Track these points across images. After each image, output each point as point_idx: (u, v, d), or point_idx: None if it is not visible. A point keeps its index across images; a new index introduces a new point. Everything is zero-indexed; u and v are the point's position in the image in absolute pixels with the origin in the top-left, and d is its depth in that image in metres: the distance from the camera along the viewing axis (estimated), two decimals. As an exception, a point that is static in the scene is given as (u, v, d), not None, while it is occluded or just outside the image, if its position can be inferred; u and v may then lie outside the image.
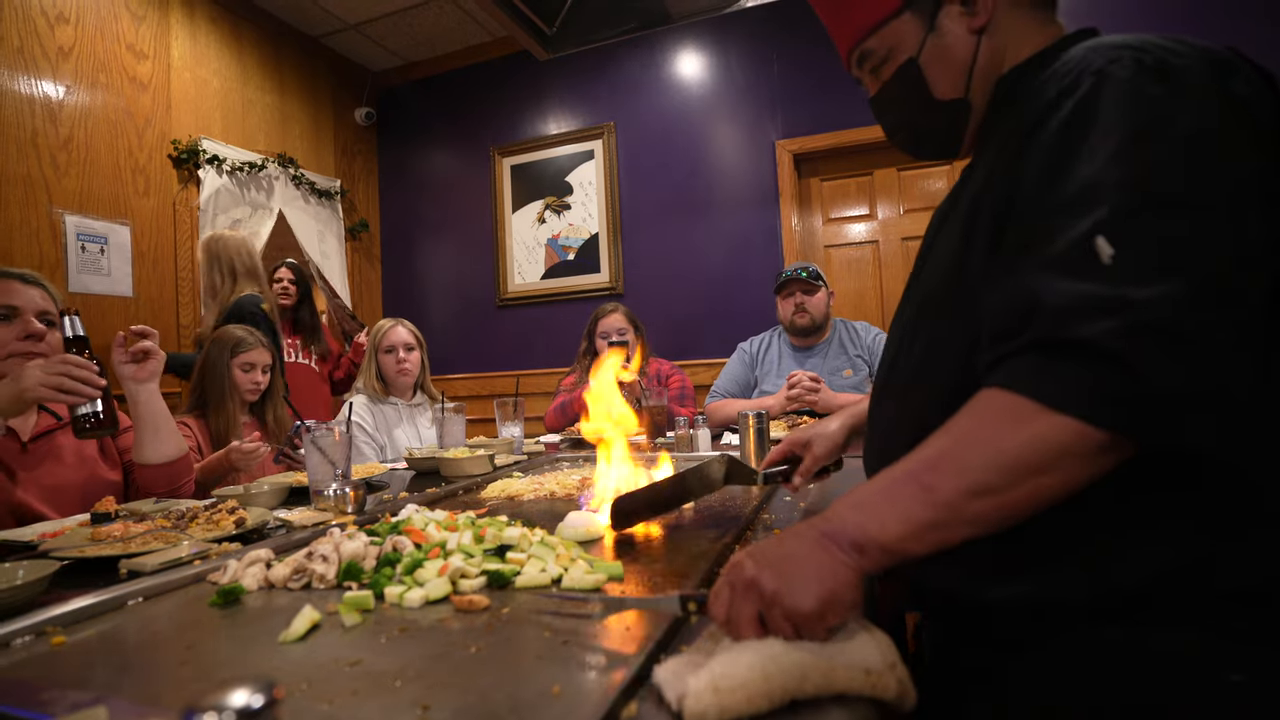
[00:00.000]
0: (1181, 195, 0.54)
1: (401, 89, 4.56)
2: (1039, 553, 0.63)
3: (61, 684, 0.58)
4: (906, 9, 0.78)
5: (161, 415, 1.55)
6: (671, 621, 0.64)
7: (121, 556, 0.93)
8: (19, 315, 1.46)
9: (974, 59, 0.77)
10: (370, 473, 1.71)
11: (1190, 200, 0.53)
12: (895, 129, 0.90)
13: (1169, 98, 0.57)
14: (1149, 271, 0.51)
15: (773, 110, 3.65)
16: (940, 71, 0.79)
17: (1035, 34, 0.77)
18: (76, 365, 1.29)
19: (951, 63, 0.78)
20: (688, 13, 2.09)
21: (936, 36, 0.78)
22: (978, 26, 0.77)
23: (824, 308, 2.53)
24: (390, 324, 2.57)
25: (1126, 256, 0.52)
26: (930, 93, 0.80)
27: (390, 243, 4.59)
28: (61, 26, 2.82)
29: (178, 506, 1.27)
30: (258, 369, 2.05)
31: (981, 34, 0.77)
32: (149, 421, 1.52)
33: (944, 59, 0.78)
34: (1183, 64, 0.58)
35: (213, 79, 3.50)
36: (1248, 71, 0.60)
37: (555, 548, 0.84)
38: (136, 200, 3.08)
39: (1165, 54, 0.60)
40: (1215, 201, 0.53)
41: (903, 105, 0.84)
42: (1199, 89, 0.57)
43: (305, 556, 0.85)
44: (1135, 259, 0.52)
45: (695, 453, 1.85)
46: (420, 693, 0.53)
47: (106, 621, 0.75)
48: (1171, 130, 0.56)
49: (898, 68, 0.81)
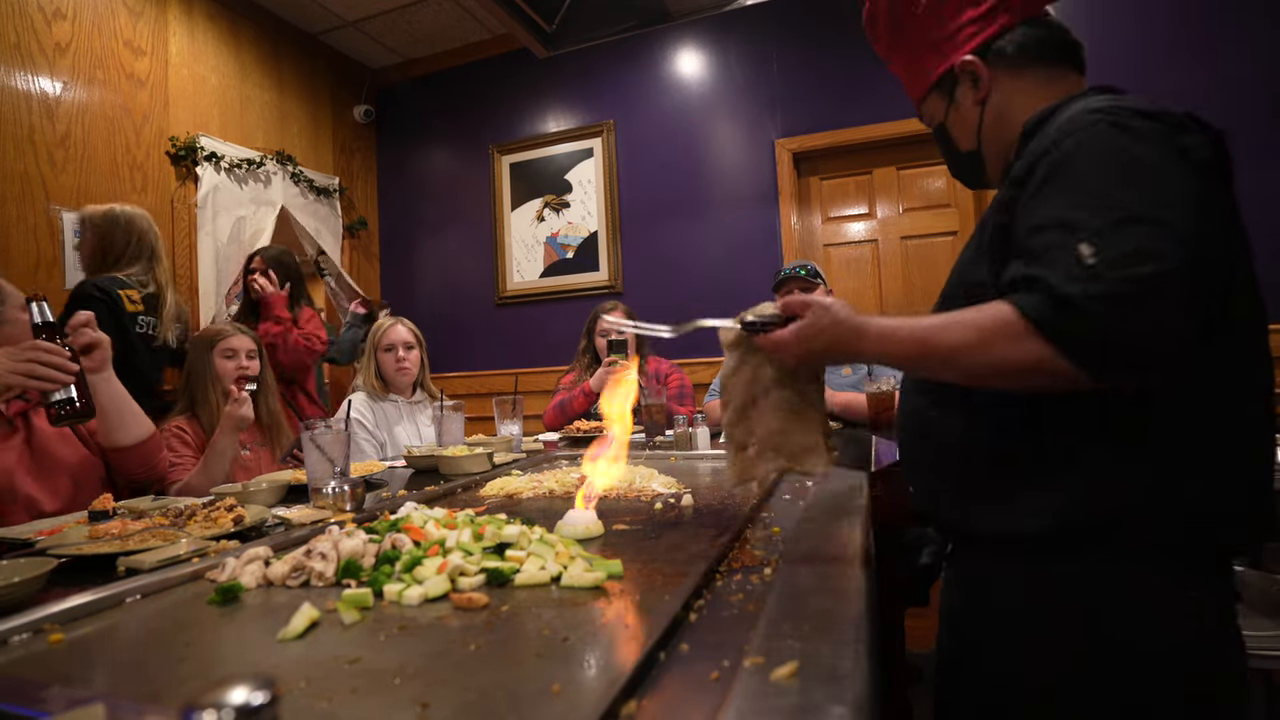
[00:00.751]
0: (1138, 213, 0.71)
1: (400, 86, 4.55)
2: (1023, 484, 0.83)
3: (59, 682, 0.58)
4: (934, 90, 1.04)
5: (122, 399, 1.59)
6: (671, 619, 0.63)
7: (119, 554, 0.93)
8: (2, 304, 1.50)
9: (980, 121, 1.01)
10: (369, 471, 1.70)
11: (1146, 216, 0.70)
12: (947, 163, 1.16)
13: (1132, 145, 0.75)
14: (1117, 266, 0.69)
15: (772, 109, 3.65)
16: (959, 132, 1.05)
17: (1041, 93, 0.96)
18: (46, 351, 1.29)
19: (966, 125, 1.03)
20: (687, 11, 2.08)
21: (955, 108, 1.03)
22: (979, 99, 1.01)
23: None
24: (390, 322, 2.57)
25: (1101, 257, 0.70)
26: (957, 146, 1.07)
27: (389, 240, 4.59)
28: (58, 22, 2.81)
29: (176, 504, 1.27)
30: (240, 354, 2.05)
31: (984, 104, 1.00)
32: (112, 408, 1.56)
33: (961, 123, 1.04)
34: (1142, 123, 0.76)
35: (211, 75, 3.49)
36: (1196, 128, 0.77)
37: (554, 545, 0.84)
38: (134, 197, 3.06)
39: (1129, 115, 0.77)
40: (1167, 216, 0.70)
41: (945, 151, 1.12)
42: (1155, 137, 0.75)
43: (304, 554, 0.84)
44: (1107, 259, 0.70)
45: (694, 451, 1.85)
46: (419, 690, 0.52)
47: (104, 619, 0.74)
48: (1129, 168, 0.74)
49: (936, 126, 1.09)
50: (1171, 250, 0.68)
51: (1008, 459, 0.85)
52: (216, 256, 3.38)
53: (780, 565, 0.81)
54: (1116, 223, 0.70)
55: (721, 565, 0.83)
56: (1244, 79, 2.79)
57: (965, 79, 1.00)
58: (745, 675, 0.52)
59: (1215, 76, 2.83)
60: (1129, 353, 0.69)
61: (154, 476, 1.64)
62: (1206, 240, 0.71)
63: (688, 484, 1.37)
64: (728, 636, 0.61)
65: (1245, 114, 2.76)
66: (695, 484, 1.39)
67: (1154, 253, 0.68)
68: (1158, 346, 0.68)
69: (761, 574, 0.78)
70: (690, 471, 1.58)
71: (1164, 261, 0.67)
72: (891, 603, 1.77)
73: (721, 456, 1.78)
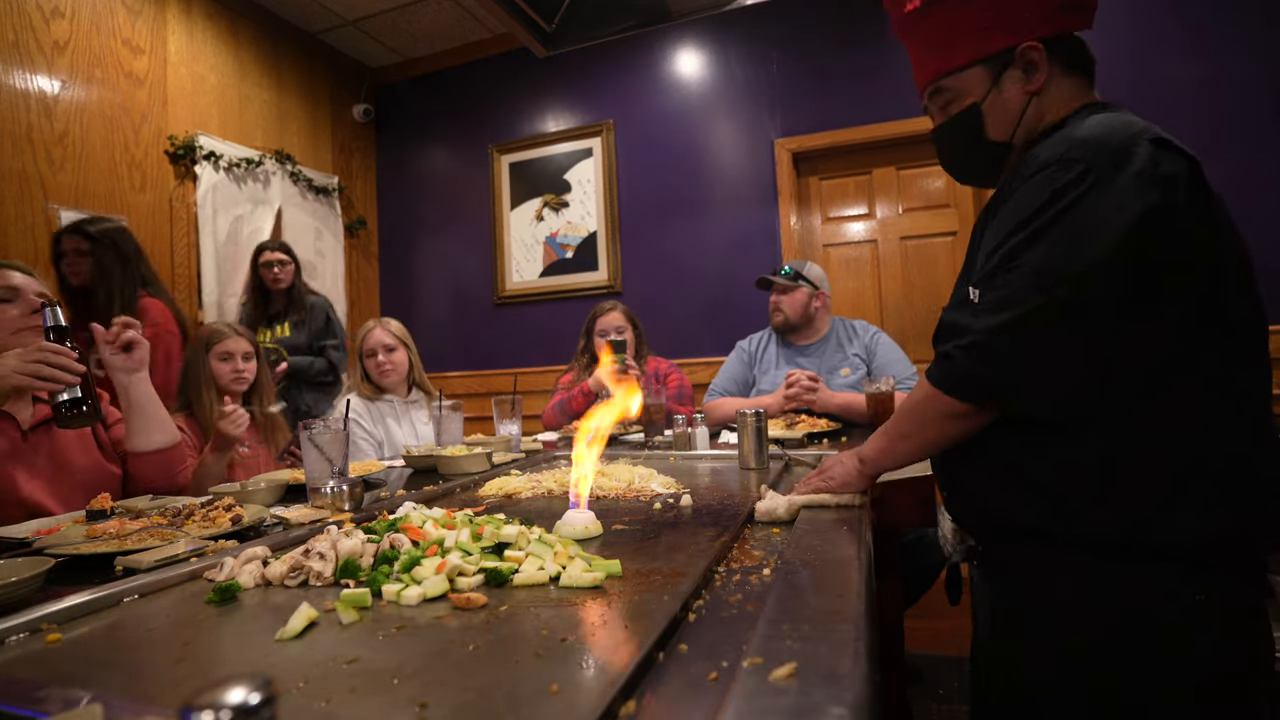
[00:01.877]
0: (1021, 260, 0.85)
1: (400, 86, 4.54)
2: (1049, 492, 0.90)
3: (56, 682, 0.57)
4: (980, 64, 0.98)
5: (152, 403, 1.57)
6: (670, 620, 0.63)
7: (117, 553, 0.92)
8: (20, 296, 1.50)
9: (1022, 114, 0.98)
10: (367, 470, 1.70)
11: (1029, 264, 0.84)
12: (950, 155, 1.12)
13: (1070, 186, 0.83)
14: (984, 311, 0.87)
15: (772, 109, 3.65)
16: (996, 118, 1.00)
17: (1068, 102, 0.97)
18: (53, 352, 1.30)
19: (1006, 113, 0.99)
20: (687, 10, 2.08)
21: (998, 90, 0.98)
22: (1032, 90, 0.97)
23: (801, 307, 2.51)
24: (370, 326, 2.53)
25: (981, 300, 0.88)
26: (985, 132, 1.01)
27: (388, 240, 4.58)
28: (57, 21, 2.81)
29: (174, 503, 1.26)
30: (236, 357, 2.04)
31: (1033, 97, 0.97)
32: (139, 410, 1.55)
33: (1001, 109, 0.99)
34: (1088, 163, 0.83)
35: (210, 74, 3.48)
36: (1164, 157, 0.83)
37: (553, 545, 0.84)
38: (133, 196, 3.06)
39: (1089, 153, 0.84)
40: (1047, 267, 0.83)
41: (961, 137, 1.05)
42: (1109, 178, 0.82)
43: (302, 554, 0.84)
44: (981, 303, 0.88)
45: (693, 451, 1.85)
46: (418, 690, 0.52)
47: (102, 619, 0.74)
48: (1042, 215, 0.85)
49: (965, 107, 1.02)
50: (1037, 297, 0.84)
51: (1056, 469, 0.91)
52: (217, 255, 3.38)
53: (779, 565, 0.81)
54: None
55: (720, 565, 0.83)
56: (1247, 77, 2.79)
57: (1021, 65, 0.97)
58: (744, 676, 0.51)
59: (1217, 75, 2.83)
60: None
61: (172, 487, 1.60)
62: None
63: (687, 484, 1.37)
64: (726, 637, 0.61)
65: (1249, 113, 2.76)
66: (694, 484, 1.39)
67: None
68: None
69: (760, 574, 0.78)
70: (689, 472, 1.58)
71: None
72: (891, 603, 1.77)
73: (720, 457, 1.77)
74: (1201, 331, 0.83)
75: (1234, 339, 0.84)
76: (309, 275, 3.96)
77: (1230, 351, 0.84)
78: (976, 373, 0.87)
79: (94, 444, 1.58)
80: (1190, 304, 0.83)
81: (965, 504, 1.05)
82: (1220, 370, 0.83)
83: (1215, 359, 0.83)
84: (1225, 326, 0.83)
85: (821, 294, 2.56)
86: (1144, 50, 2.93)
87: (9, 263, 1.56)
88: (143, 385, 1.55)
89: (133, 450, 1.55)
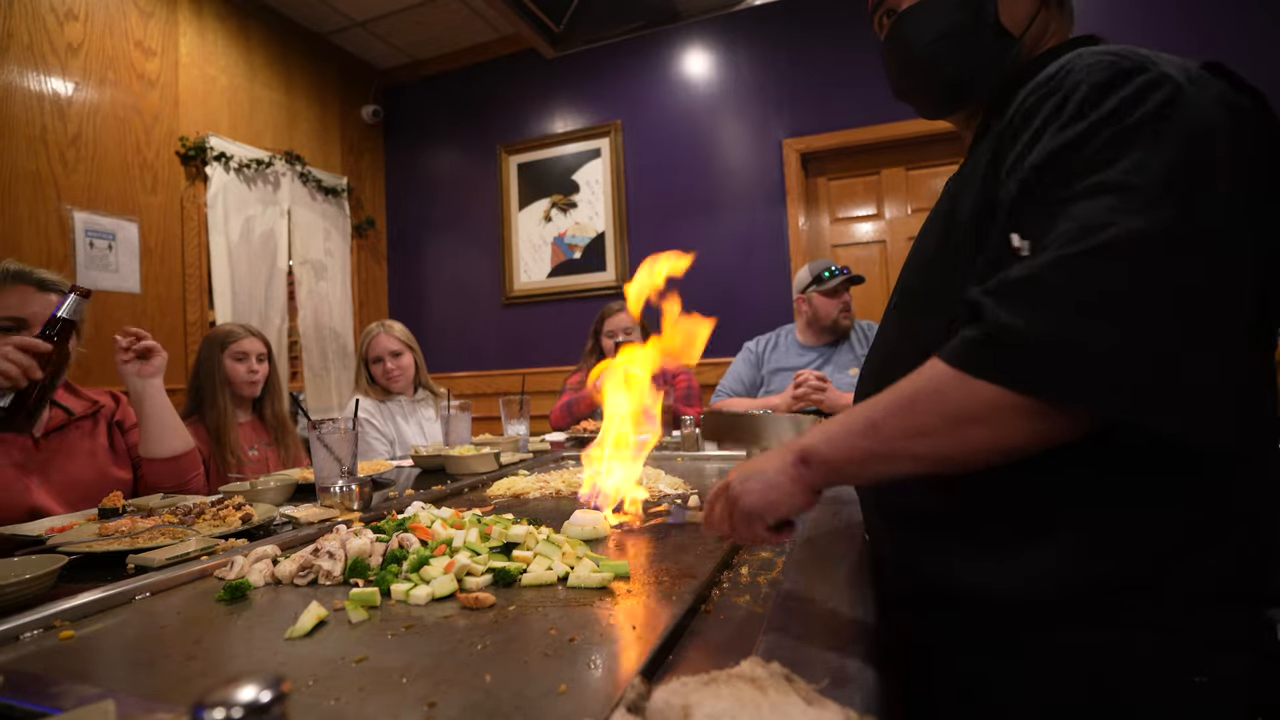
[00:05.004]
0: (1102, 176, 0.57)
1: (408, 86, 4.56)
2: (1020, 542, 0.67)
3: (70, 678, 0.58)
4: None
5: (166, 411, 1.57)
6: (677, 621, 0.63)
7: (129, 551, 0.93)
8: (27, 329, 1.40)
9: (1036, 13, 0.78)
10: (376, 470, 1.71)
11: (1115, 180, 0.56)
12: (920, 46, 0.83)
13: (1146, 90, 0.59)
14: (1056, 244, 0.56)
15: (780, 109, 3.64)
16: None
17: (1060, 33, 0.81)
18: (16, 348, 1.18)
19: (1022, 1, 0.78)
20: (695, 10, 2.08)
21: None
22: None
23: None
24: (375, 331, 2.51)
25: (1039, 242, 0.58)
26: (997, 13, 0.77)
27: (396, 240, 4.60)
28: (70, 23, 2.83)
29: (185, 502, 1.27)
30: (251, 357, 2.04)
31: (1044, 4, 0.79)
32: (154, 417, 1.54)
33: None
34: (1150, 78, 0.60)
35: (220, 76, 3.51)
36: (1214, 83, 0.62)
37: (561, 546, 0.84)
38: (144, 197, 3.09)
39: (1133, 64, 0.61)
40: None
41: (959, 21, 0.79)
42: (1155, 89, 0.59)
43: (312, 553, 0.85)
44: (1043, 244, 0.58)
45: (701, 452, 1.85)
46: (427, 690, 0.52)
47: (114, 616, 0.75)
48: (1116, 121, 0.59)
49: None
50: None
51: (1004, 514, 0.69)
52: (230, 257, 3.40)
53: (787, 567, 0.80)
54: None
55: (728, 567, 0.83)
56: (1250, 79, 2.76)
57: None
58: (752, 677, 0.51)
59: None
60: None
61: (187, 493, 1.61)
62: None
63: (694, 485, 1.37)
64: (734, 638, 0.61)
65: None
66: (702, 485, 1.38)
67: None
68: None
69: (768, 575, 0.78)
70: (697, 472, 1.58)
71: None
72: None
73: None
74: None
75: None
76: (318, 276, 3.99)
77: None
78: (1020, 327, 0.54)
79: (104, 450, 1.58)
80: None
81: None
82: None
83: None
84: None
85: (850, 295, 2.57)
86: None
87: (31, 275, 1.44)
88: (157, 392, 1.55)
89: (148, 457, 1.55)
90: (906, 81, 0.88)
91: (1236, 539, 0.63)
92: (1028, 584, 0.66)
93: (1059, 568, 0.65)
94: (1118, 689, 0.63)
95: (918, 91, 0.87)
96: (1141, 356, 0.52)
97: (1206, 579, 0.62)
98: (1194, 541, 0.62)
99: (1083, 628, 0.64)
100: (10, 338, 1.22)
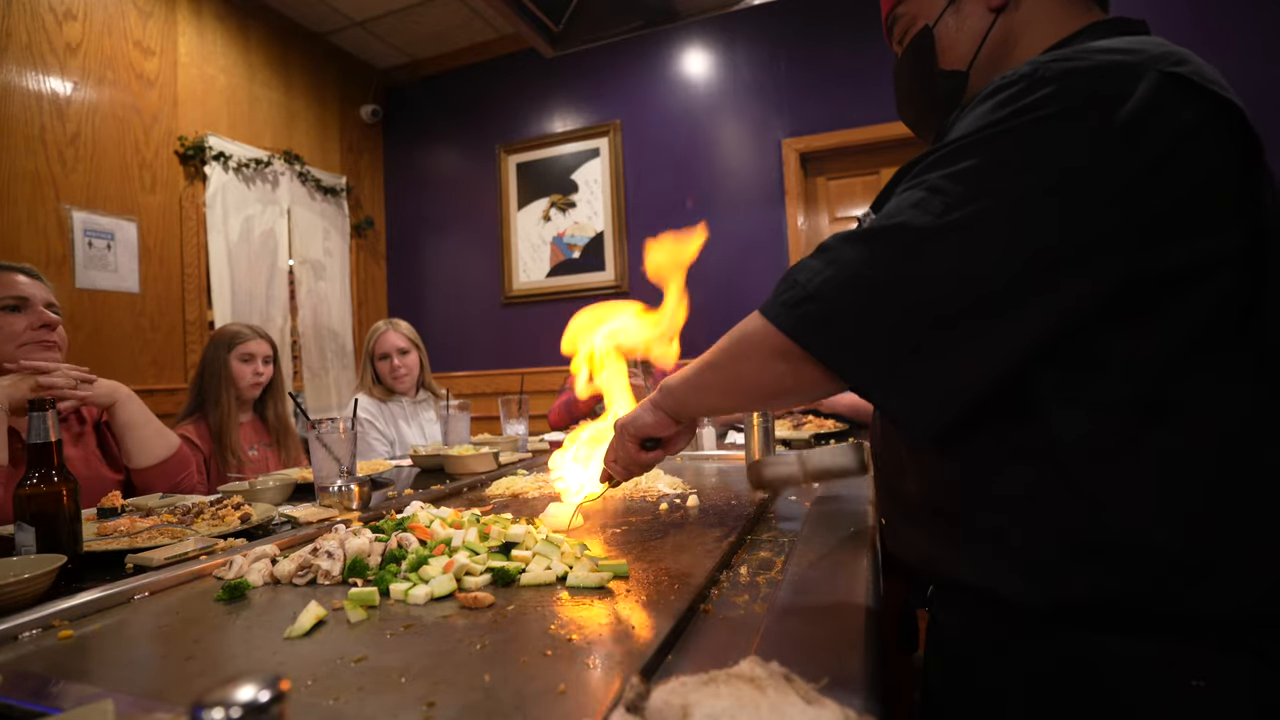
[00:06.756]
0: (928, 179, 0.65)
1: (408, 86, 4.56)
2: (1024, 542, 0.66)
3: (68, 677, 0.58)
4: None
5: (142, 418, 1.57)
6: (677, 620, 0.63)
7: (128, 551, 0.93)
8: (29, 306, 1.49)
9: (985, 36, 0.79)
10: (375, 470, 1.71)
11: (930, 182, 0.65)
12: (904, 99, 0.93)
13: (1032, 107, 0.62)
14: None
15: (779, 108, 3.64)
16: (951, 41, 0.81)
17: (1061, 24, 0.76)
18: (67, 370, 1.35)
19: (963, 34, 0.81)
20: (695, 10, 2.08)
21: (955, 9, 0.81)
22: (996, 5, 0.78)
23: None
24: (382, 328, 2.51)
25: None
26: (936, 62, 0.83)
27: (395, 240, 4.60)
28: (69, 23, 2.83)
29: (183, 502, 1.27)
30: (258, 359, 2.05)
31: (999, 13, 0.78)
32: (131, 430, 1.55)
33: (958, 30, 0.81)
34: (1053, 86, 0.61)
35: (219, 75, 3.51)
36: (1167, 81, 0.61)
37: (560, 545, 0.84)
38: (143, 196, 3.09)
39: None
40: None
41: (912, 72, 0.87)
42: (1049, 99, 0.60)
43: (310, 552, 0.85)
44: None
45: (700, 451, 1.85)
46: (425, 689, 0.52)
47: (113, 616, 0.75)
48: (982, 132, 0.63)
49: (915, 33, 0.84)
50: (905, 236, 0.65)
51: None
52: (229, 256, 3.40)
53: (787, 566, 0.80)
54: None
55: (727, 567, 0.83)
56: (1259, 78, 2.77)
57: None
58: (751, 676, 0.51)
59: (1231, 76, 2.80)
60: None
61: (183, 492, 1.61)
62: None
63: (693, 484, 1.37)
64: (733, 637, 0.61)
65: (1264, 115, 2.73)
66: (701, 484, 1.39)
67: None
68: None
69: (767, 575, 0.78)
70: (696, 472, 1.58)
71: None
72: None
73: (727, 457, 1.77)
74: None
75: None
76: (317, 275, 3.98)
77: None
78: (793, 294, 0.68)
79: (95, 453, 1.59)
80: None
81: None
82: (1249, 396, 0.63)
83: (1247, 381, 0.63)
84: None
85: None
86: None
87: (14, 265, 1.54)
88: (128, 406, 1.55)
89: (135, 468, 1.56)
90: (905, 118, 0.99)
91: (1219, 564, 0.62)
92: (1029, 585, 0.66)
93: (1059, 568, 0.65)
94: (1118, 689, 0.64)
95: (915, 130, 0.98)
96: (849, 318, 0.64)
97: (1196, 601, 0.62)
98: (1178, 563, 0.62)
99: (1083, 630, 0.65)
100: (62, 365, 1.37)
